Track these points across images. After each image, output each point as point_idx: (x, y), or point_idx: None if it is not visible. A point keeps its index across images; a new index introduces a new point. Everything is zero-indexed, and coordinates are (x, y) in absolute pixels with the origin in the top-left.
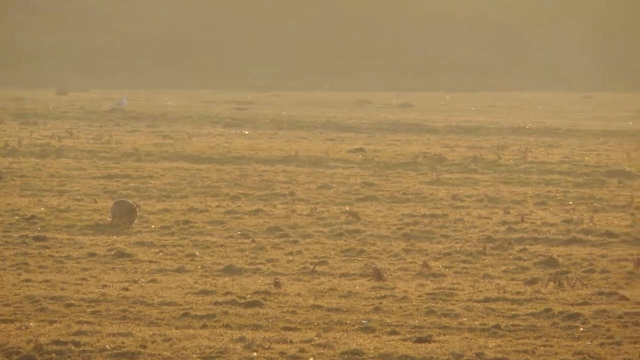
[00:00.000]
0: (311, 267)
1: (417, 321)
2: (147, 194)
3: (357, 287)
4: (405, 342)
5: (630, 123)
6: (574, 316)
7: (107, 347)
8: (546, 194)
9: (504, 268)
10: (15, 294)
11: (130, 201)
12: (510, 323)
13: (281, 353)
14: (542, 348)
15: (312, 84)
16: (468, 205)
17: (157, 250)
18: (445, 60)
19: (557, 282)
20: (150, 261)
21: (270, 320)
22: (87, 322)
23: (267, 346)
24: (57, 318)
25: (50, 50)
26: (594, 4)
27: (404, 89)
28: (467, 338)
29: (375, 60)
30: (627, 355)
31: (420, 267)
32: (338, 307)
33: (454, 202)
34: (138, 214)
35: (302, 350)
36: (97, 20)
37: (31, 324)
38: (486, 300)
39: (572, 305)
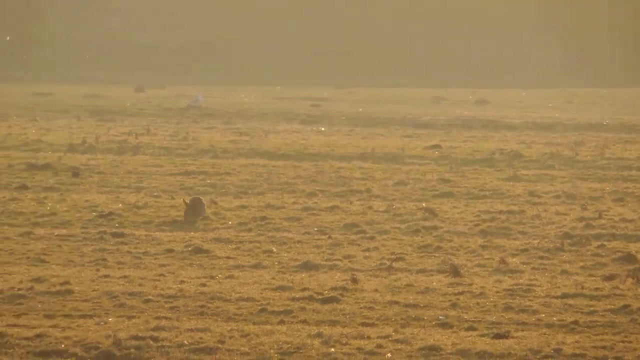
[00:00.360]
0: (388, 263)
1: (494, 317)
2: (223, 190)
3: (434, 283)
4: (483, 338)
5: None
6: None
7: (186, 342)
8: (624, 190)
9: (581, 264)
10: (94, 290)
11: (202, 199)
12: (589, 319)
13: (359, 349)
14: (621, 344)
15: (386, 81)
16: (545, 201)
17: (234, 246)
18: (521, 58)
19: (635, 278)
20: (228, 257)
21: (348, 316)
22: (166, 318)
23: (344, 342)
24: (135, 313)
25: (126, 49)
26: None
27: (479, 86)
28: (545, 334)
29: (450, 57)
30: None
31: (497, 263)
32: (415, 303)
33: (531, 198)
34: (207, 209)
35: (379, 346)
36: (171, 20)
37: (110, 319)
38: (564, 296)
39: None
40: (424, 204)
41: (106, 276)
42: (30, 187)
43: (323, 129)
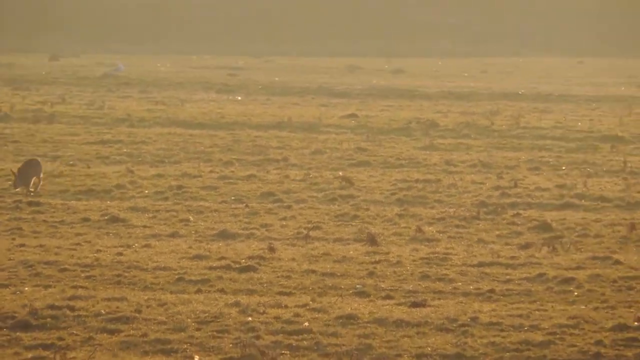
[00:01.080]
0: (305, 232)
1: (411, 286)
2: (140, 159)
3: (351, 252)
4: (399, 307)
5: (623, 88)
6: (568, 280)
7: (102, 311)
8: (539, 159)
9: (497, 233)
10: (10, 259)
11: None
12: (505, 287)
13: (276, 317)
14: (537, 312)
15: (304, 49)
16: (461, 170)
17: (150, 215)
18: (437, 26)
19: (551, 247)
20: (144, 226)
21: (265, 285)
22: (82, 287)
23: (262, 311)
24: (51, 283)
25: (42, 15)
26: None
27: (395, 54)
28: (461, 302)
29: (367, 25)
30: (621, 319)
31: (414, 232)
32: (332, 272)
33: (447, 167)
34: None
35: (297, 315)
36: None
37: (26, 288)
38: (480, 264)
39: (566, 269)
40: (340, 173)
41: (22, 245)
42: None
43: (239, 98)
